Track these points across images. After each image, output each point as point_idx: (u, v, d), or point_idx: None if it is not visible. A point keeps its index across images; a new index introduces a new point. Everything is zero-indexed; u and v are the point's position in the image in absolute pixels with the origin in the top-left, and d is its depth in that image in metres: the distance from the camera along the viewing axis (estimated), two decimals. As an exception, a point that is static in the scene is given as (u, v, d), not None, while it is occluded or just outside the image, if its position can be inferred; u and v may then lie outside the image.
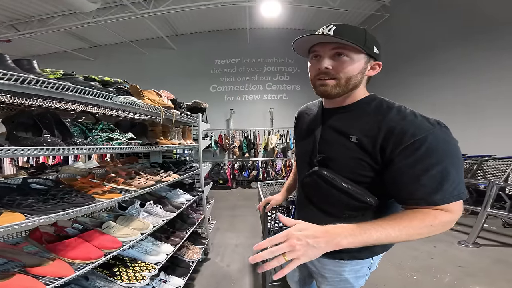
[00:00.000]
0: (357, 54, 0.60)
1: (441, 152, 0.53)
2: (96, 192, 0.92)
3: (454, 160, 0.54)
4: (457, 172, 0.53)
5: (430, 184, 0.53)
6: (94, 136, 0.90)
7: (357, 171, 0.61)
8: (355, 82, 0.63)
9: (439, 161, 0.52)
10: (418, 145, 0.53)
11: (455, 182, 0.53)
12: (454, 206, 0.53)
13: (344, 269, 0.73)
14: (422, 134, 0.53)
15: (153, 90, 1.56)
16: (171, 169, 1.70)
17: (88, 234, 0.96)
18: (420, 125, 0.55)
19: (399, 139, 0.55)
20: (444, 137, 0.54)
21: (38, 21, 4.65)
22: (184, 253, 1.94)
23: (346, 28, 0.60)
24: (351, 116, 0.65)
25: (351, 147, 0.61)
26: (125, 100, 1.07)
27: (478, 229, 2.31)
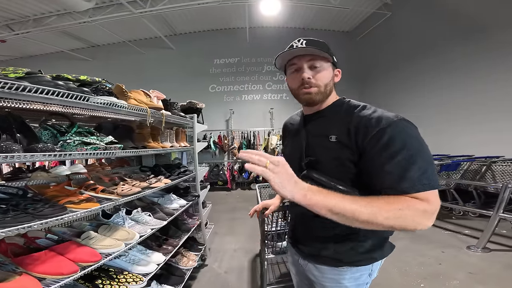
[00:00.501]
0: (326, 63, 0.70)
1: (403, 140, 0.57)
2: (71, 201, 0.83)
3: (419, 148, 0.57)
4: (423, 160, 0.55)
5: (396, 171, 0.55)
6: (66, 140, 0.81)
7: (340, 168, 0.65)
8: (330, 88, 0.71)
9: (402, 148, 0.56)
10: (381, 134, 0.58)
11: (422, 170, 0.54)
12: (428, 196, 0.54)
13: (344, 277, 0.73)
14: (384, 124, 0.59)
15: (141, 90, 1.47)
16: (163, 174, 1.60)
17: (63, 246, 0.87)
18: (382, 117, 0.61)
19: (365, 131, 0.61)
20: (405, 127, 0.59)
21: (33, 21, 4.59)
22: (179, 260, 1.85)
23: (314, 41, 0.69)
24: (328, 118, 0.72)
25: (332, 147, 0.67)
26: (103, 101, 0.98)
27: (489, 233, 2.19)
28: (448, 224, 2.95)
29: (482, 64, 3.49)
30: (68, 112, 0.89)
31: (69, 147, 0.80)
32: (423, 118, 4.51)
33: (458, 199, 3.12)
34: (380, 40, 5.60)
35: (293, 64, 0.71)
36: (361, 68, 6.22)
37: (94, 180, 1.09)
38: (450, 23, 3.89)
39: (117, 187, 1.06)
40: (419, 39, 4.53)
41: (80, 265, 0.87)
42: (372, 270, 0.74)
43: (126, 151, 1.05)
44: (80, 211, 0.80)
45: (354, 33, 6.29)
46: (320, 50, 0.66)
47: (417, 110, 4.65)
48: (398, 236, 2.64)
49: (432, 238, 2.60)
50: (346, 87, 6.17)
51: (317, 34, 6.29)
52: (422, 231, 2.75)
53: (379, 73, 5.79)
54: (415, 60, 4.68)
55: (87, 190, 0.93)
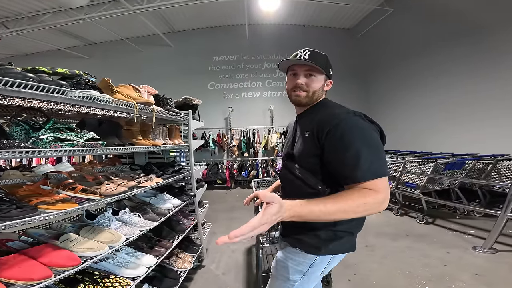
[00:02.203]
0: (320, 75, 0.82)
1: (352, 134, 0.65)
2: (46, 201, 0.76)
3: (366, 142, 0.65)
4: (369, 152, 0.64)
5: (349, 162, 0.64)
6: (39, 136, 0.74)
7: (310, 160, 0.75)
8: (318, 95, 0.83)
9: (352, 142, 0.64)
10: (334, 130, 0.67)
11: (369, 160, 0.63)
12: (377, 183, 0.62)
13: (291, 257, 0.82)
14: (336, 121, 0.68)
15: (130, 84, 1.39)
16: (154, 172, 1.53)
17: (36, 250, 0.80)
18: (335, 115, 0.71)
19: (322, 128, 0.70)
20: (355, 123, 0.67)
21: (28, 18, 4.53)
22: (173, 262, 1.78)
23: (317, 55, 0.80)
24: (308, 117, 0.83)
25: (306, 141, 0.77)
26: (83, 94, 0.90)
27: (496, 234, 2.10)
28: (452, 223, 2.86)
29: (484, 63, 3.41)
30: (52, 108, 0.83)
31: (41, 143, 0.73)
32: (425, 116, 4.43)
33: (462, 198, 3.03)
34: (381, 37, 5.49)
35: (293, 70, 0.84)
36: (362, 66, 6.11)
37: (77, 179, 1.03)
38: (453, 20, 3.82)
39: (101, 187, 0.99)
40: (421, 36, 4.44)
41: (56, 269, 0.80)
42: (314, 264, 0.79)
43: (109, 148, 0.98)
44: (54, 212, 0.73)
45: (355, 30, 6.18)
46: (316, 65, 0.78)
47: (419, 108, 4.56)
48: (400, 236, 2.57)
49: (436, 238, 2.52)
50: (347, 85, 6.08)
51: (317, 31, 6.19)
52: (425, 231, 2.71)
53: (380, 71, 5.69)
54: (416, 57, 4.59)
55: (65, 189, 0.86)
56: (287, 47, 6.05)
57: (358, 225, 0.81)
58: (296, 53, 0.82)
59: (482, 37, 3.40)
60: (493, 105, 3.32)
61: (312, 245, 0.77)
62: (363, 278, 1.86)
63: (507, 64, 3.12)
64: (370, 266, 2.00)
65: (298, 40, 6.00)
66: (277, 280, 0.87)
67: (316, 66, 0.78)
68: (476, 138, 3.59)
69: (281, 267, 0.85)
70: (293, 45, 7.08)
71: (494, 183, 2.76)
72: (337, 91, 5.94)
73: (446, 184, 3.20)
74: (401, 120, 5.01)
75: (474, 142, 3.59)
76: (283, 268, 0.84)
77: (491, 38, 3.29)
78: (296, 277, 0.82)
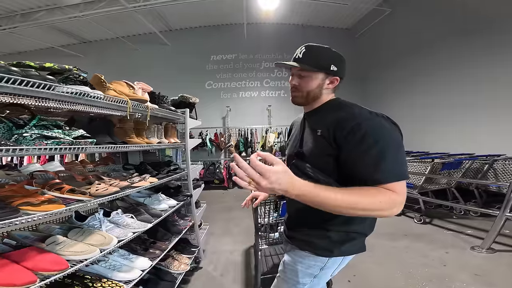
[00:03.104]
0: (315, 74, 0.76)
1: (376, 135, 0.62)
2: (29, 202, 0.71)
3: (390, 143, 0.63)
4: (393, 154, 0.62)
5: (371, 163, 0.61)
6: (23, 134, 0.69)
7: (323, 159, 0.71)
8: (313, 95, 0.79)
9: (375, 143, 0.61)
10: (356, 130, 0.64)
11: (392, 162, 0.61)
12: (397, 186, 0.60)
13: (300, 261, 0.79)
14: (357, 121, 0.65)
15: (124, 81, 1.35)
16: (149, 172, 1.49)
17: (20, 253, 0.75)
18: (358, 115, 0.67)
19: (342, 127, 0.66)
20: (378, 124, 0.65)
21: (20, 16, 4.43)
22: (169, 264, 1.73)
23: (313, 51, 0.75)
24: (319, 115, 0.80)
25: (317, 139, 0.73)
26: (73, 90, 0.86)
27: (495, 233, 2.09)
28: (449, 223, 2.86)
29: (480, 63, 3.42)
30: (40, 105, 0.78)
31: (24, 141, 0.69)
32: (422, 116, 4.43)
33: (459, 198, 3.04)
34: (379, 37, 5.50)
35: (291, 70, 0.83)
36: (359, 66, 6.11)
37: (65, 179, 0.98)
38: (450, 20, 3.82)
39: (91, 187, 0.95)
40: (418, 36, 4.45)
41: (41, 274, 0.76)
42: (326, 266, 0.77)
43: (100, 146, 0.93)
44: (38, 214, 0.69)
45: (353, 30, 6.18)
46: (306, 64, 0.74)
47: (415, 108, 4.57)
48: (398, 236, 2.56)
49: (434, 237, 2.51)
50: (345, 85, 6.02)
51: (316, 31, 6.17)
52: (423, 231, 2.69)
53: (377, 71, 5.70)
54: (414, 58, 4.60)
55: (51, 190, 0.82)
56: (285, 47, 6.02)
57: (371, 226, 0.79)
58: (296, 52, 0.79)
59: (479, 38, 3.41)
60: (489, 105, 3.34)
61: (324, 247, 0.75)
62: (363, 278, 1.83)
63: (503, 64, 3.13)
64: (369, 267, 1.98)
65: (297, 39, 5.95)
66: (286, 283, 0.84)
67: (307, 67, 0.74)
68: (471, 138, 3.60)
69: (290, 270, 0.82)
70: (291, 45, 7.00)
71: (492, 183, 2.76)
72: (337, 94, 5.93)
73: (443, 184, 3.20)
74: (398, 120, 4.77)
75: (469, 142, 3.60)
76: (292, 271, 0.81)
77: (489, 39, 3.30)
78: (306, 280, 0.80)
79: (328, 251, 0.75)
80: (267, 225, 1.60)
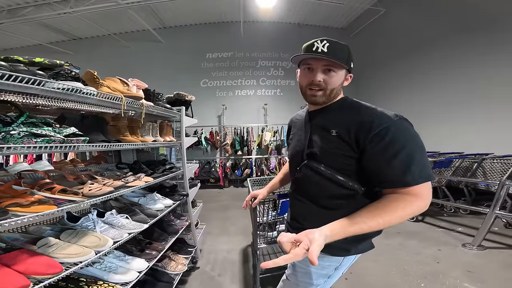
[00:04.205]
0: (341, 70, 0.73)
1: (404, 139, 0.62)
2: (18, 203, 0.68)
3: (417, 146, 0.63)
4: (421, 156, 0.62)
5: (400, 166, 0.60)
6: (10, 131, 0.66)
7: (339, 160, 0.69)
8: (336, 92, 0.75)
9: (404, 146, 0.61)
10: (385, 133, 0.62)
11: (421, 164, 0.61)
12: (425, 187, 0.61)
13: None
14: (386, 123, 0.63)
15: (118, 77, 1.31)
16: (143, 171, 1.45)
17: (11, 256, 0.72)
18: (383, 117, 0.65)
19: (368, 129, 0.64)
20: (405, 127, 0.64)
21: (7, 12, 4.26)
22: (166, 264, 1.70)
23: (337, 46, 0.71)
24: (331, 114, 0.75)
25: (333, 140, 0.70)
26: (64, 86, 0.82)
27: (485, 231, 2.15)
28: (440, 221, 2.92)
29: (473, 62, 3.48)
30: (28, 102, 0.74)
31: (12, 139, 0.65)
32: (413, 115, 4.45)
33: (449, 196, 3.10)
34: (374, 37, 5.55)
35: (308, 64, 0.74)
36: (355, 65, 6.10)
37: (56, 178, 0.94)
38: (444, 21, 3.89)
39: (84, 187, 0.92)
40: (412, 36, 4.51)
41: (33, 278, 0.73)
42: (341, 265, 0.77)
43: (93, 145, 0.90)
44: (28, 216, 0.66)
45: (348, 30, 6.23)
46: (337, 59, 0.69)
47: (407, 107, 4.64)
48: (391, 234, 2.59)
49: (426, 235, 2.56)
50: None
51: (312, 30, 6.18)
52: (416, 228, 2.74)
53: (371, 70, 5.76)
54: (407, 58, 4.67)
55: (41, 190, 0.78)
56: (281, 45, 6.01)
57: None
58: (312, 43, 0.71)
59: (473, 38, 3.47)
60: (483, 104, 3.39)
61: (340, 247, 0.73)
62: (360, 276, 1.85)
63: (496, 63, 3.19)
64: (365, 264, 2.00)
65: (293, 38, 5.97)
66: (297, 286, 0.82)
67: (337, 62, 0.69)
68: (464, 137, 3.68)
69: (302, 273, 0.79)
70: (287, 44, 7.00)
71: (481, 181, 2.83)
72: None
73: (434, 182, 3.26)
74: None
75: (461, 141, 3.68)
76: (304, 274, 0.79)
77: (482, 38, 3.36)
78: (320, 281, 0.78)
79: (345, 251, 0.74)
80: (266, 224, 1.59)
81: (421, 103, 4.42)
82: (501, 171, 2.75)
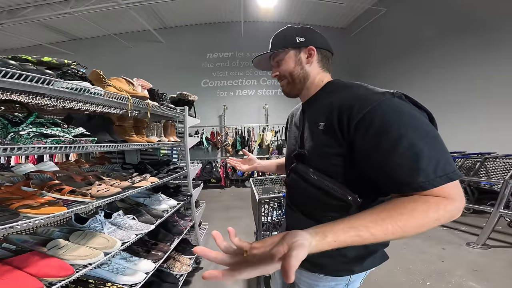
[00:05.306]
0: (284, 53, 0.68)
1: (399, 123, 0.46)
2: (28, 205, 0.67)
3: (422, 132, 0.45)
4: (430, 145, 0.44)
5: (403, 163, 0.44)
6: (19, 132, 0.65)
7: (329, 161, 0.56)
8: (298, 75, 0.67)
9: (401, 134, 0.44)
10: (369, 120, 0.47)
11: (434, 159, 0.43)
12: (450, 190, 0.43)
13: (318, 284, 0.66)
14: (368, 106, 0.48)
15: (123, 77, 1.30)
16: (149, 171, 1.44)
17: (22, 258, 0.71)
18: (363, 97, 0.51)
19: (347, 117, 0.51)
20: (396, 105, 0.48)
21: (7, 12, 4.24)
22: (171, 265, 1.70)
23: (276, 37, 0.70)
24: (317, 104, 0.65)
25: (320, 135, 0.58)
26: (72, 86, 0.81)
27: (489, 230, 2.15)
28: (444, 219, 2.92)
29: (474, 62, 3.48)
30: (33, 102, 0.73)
31: (21, 139, 0.64)
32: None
33: (453, 194, 3.09)
34: (374, 36, 5.55)
35: (267, 67, 0.76)
36: (354, 65, 6.16)
37: (63, 179, 0.93)
38: (445, 20, 3.89)
39: (92, 188, 0.91)
40: (413, 35, 4.51)
41: (46, 281, 0.72)
42: (350, 281, 0.66)
43: (101, 145, 0.89)
44: (39, 217, 0.65)
45: (348, 30, 6.23)
46: (275, 49, 0.68)
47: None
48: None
49: (430, 234, 2.56)
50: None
51: (311, 29, 6.18)
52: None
53: (372, 70, 5.76)
54: (408, 57, 4.67)
55: (51, 191, 0.78)
56: (281, 45, 6.02)
57: None
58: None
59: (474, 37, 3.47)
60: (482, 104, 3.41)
61: (340, 268, 0.63)
62: (364, 276, 1.85)
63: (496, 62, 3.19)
64: (369, 264, 1.99)
65: (293, 38, 5.97)
66: None
67: (273, 51, 0.68)
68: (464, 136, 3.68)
69: None
70: (288, 43, 6.93)
71: (485, 181, 2.83)
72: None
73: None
74: None
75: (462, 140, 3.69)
76: None
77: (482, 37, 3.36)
78: None
79: (348, 271, 0.63)
80: (270, 224, 1.58)
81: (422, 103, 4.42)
82: (504, 170, 2.75)
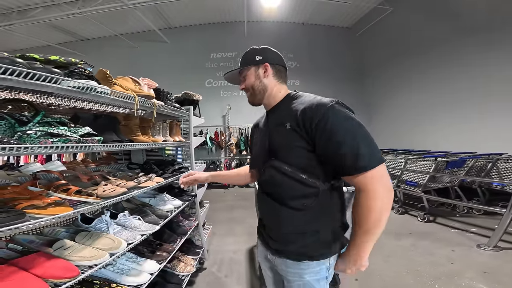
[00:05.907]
0: (248, 71, 0.83)
1: (343, 125, 0.64)
2: (34, 205, 0.67)
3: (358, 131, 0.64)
4: (366, 140, 0.63)
5: (349, 152, 0.62)
6: (26, 131, 0.65)
7: (298, 154, 0.70)
8: (258, 87, 0.82)
9: (345, 132, 0.63)
10: (324, 121, 0.64)
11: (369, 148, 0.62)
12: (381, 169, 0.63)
13: (305, 272, 0.75)
14: (322, 111, 0.65)
15: (129, 76, 1.30)
16: (154, 171, 1.44)
17: (28, 259, 0.71)
18: (316, 104, 0.68)
19: (309, 119, 0.67)
20: (341, 113, 0.66)
21: (17, 13, 4.32)
22: (175, 265, 1.69)
23: (243, 56, 0.85)
24: (281, 110, 0.79)
25: (288, 134, 0.71)
26: (80, 84, 0.81)
27: (501, 232, 2.09)
28: (453, 222, 2.86)
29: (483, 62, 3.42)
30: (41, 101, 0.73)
31: (28, 139, 0.64)
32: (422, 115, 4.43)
33: (462, 196, 3.04)
34: (380, 36, 5.48)
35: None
36: (360, 64, 6.10)
37: (70, 179, 0.93)
38: (452, 19, 3.82)
39: (98, 188, 0.90)
40: (420, 35, 4.44)
41: (52, 282, 0.71)
42: (331, 264, 0.76)
43: (108, 145, 0.89)
44: (45, 218, 0.64)
45: (354, 29, 6.16)
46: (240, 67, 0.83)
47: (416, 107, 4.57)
48: (403, 234, 2.54)
49: (439, 235, 2.50)
50: (345, 83, 6.05)
51: (316, 30, 6.14)
52: (428, 229, 2.69)
53: (378, 69, 5.69)
54: (415, 56, 4.59)
55: (57, 191, 0.77)
56: (285, 45, 5.97)
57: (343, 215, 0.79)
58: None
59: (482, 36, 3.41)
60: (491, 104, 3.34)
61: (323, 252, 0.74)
62: (371, 277, 1.81)
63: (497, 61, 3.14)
64: (376, 265, 1.96)
65: (297, 38, 5.94)
66: None
67: (238, 69, 0.83)
68: (472, 137, 3.61)
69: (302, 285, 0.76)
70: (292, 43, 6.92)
71: (498, 181, 2.76)
72: (335, 89, 5.93)
73: (446, 183, 3.19)
74: (399, 118, 5.02)
75: (470, 141, 3.61)
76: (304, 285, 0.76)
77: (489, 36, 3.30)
78: (323, 284, 0.77)
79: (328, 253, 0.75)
80: None
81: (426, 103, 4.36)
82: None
